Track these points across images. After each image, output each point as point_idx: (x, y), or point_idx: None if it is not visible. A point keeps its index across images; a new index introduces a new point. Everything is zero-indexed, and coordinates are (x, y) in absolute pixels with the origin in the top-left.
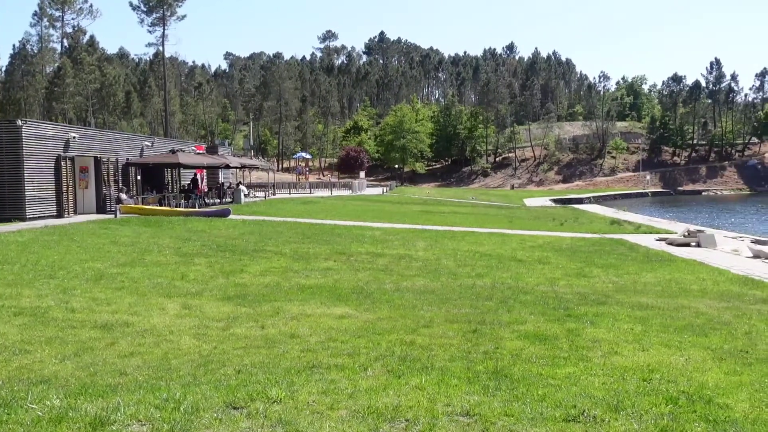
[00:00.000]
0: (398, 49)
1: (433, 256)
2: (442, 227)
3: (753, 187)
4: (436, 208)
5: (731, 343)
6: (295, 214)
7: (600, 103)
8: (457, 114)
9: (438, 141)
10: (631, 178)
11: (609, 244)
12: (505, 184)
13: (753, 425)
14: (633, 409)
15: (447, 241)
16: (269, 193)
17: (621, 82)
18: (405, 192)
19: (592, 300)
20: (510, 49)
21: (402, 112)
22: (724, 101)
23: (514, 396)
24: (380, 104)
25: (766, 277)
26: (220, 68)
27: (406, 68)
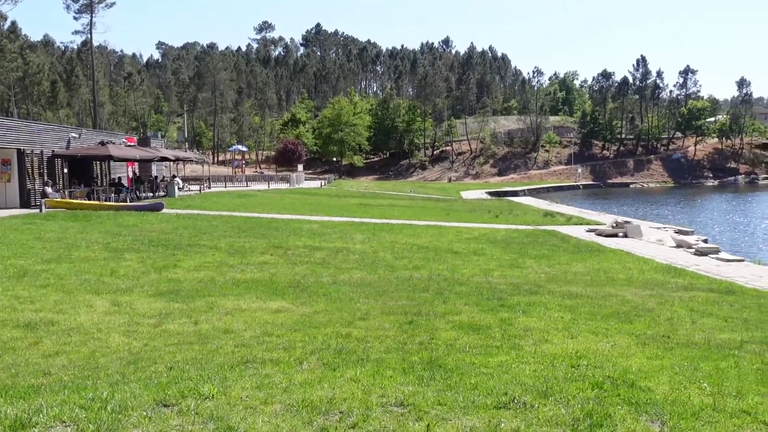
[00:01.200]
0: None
1: (370, 248)
2: (380, 220)
3: (677, 179)
4: (375, 201)
5: (654, 328)
6: (231, 207)
7: (534, 98)
8: (395, 107)
9: (376, 134)
10: (563, 171)
11: (542, 235)
12: (442, 177)
13: (672, 406)
14: (561, 394)
15: (385, 233)
16: (204, 186)
17: (554, 78)
18: (343, 185)
19: (524, 290)
20: (446, 44)
21: (340, 104)
22: (650, 97)
23: (447, 385)
24: (318, 97)
25: (688, 266)
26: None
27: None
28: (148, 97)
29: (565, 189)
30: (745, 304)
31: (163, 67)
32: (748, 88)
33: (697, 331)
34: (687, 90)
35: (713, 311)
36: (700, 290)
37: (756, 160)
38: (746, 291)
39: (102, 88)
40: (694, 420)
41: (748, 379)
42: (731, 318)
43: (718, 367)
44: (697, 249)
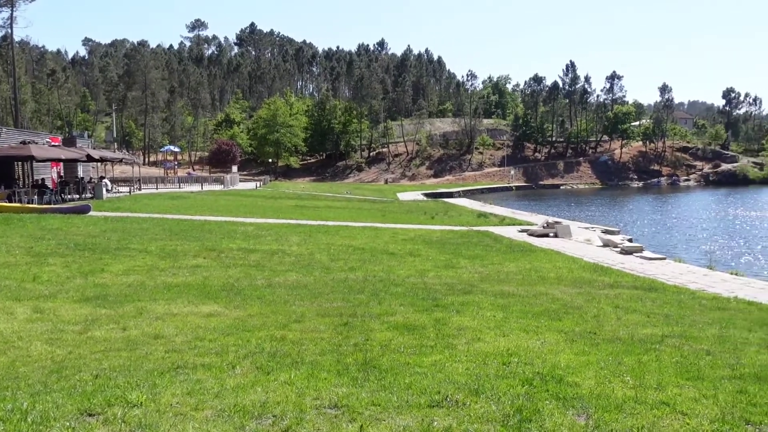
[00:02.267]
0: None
1: (306, 251)
2: (316, 222)
3: (604, 181)
4: (311, 203)
5: (582, 325)
6: (162, 209)
7: (468, 101)
8: (332, 108)
9: (312, 135)
10: (497, 173)
11: (476, 236)
12: (379, 179)
13: (597, 399)
14: (492, 391)
15: (321, 235)
16: (134, 188)
17: (487, 81)
18: (279, 187)
19: (458, 290)
20: (381, 46)
21: (276, 105)
22: (579, 101)
23: (381, 386)
24: (253, 97)
25: (614, 264)
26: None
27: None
28: (73, 95)
29: (499, 190)
30: (666, 301)
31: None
32: (669, 94)
33: (621, 326)
34: (613, 95)
35: (637, 308)
36: (625, 288)
37: (677, 163)
38: (667, 288)
39: (24, 86)
40: (618, 412)
41: (668, 371)
42: (653, 314)
43: (640, 361)
44: (623, 248)
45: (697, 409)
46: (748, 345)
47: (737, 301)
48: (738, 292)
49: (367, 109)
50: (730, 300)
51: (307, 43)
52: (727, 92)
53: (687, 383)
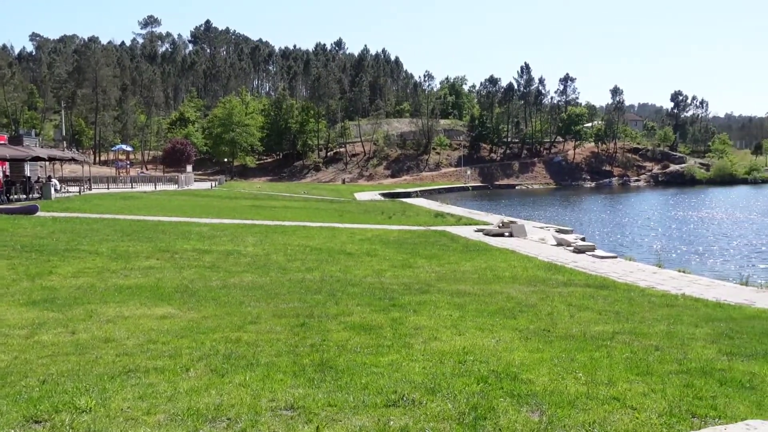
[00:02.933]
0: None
1: (262, 251)
2: (272, 222)
3: (558, 181)
4: (267, 203)
5: (536, 323)
6: (114, 210)
7: (425, 101)
8: (288, 108)
9: (269, 135)
10: (453, 173)
11: (433, 235)
12: (336, 179)
13: (550, 396)
14: (448, 390)
15: (277, 236)
16: (85, 188)
17: (444, 82)
18: (235, 186)
19: (415, 289)
20: (339, 45)
21: (231, 104)
22: (533, 103)
23: (338, 386)
24: (208, 96)
25: (567, 263)
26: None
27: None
28: (20, 92)
29: (456, 190)
30: (617, 298)
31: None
32: (620, 96)
33: (574, 324)
34: (567, 97)
35: (589, 305)
36: (577, 286)
37: (628, 164)
38: (618, 285)
39: None
40: (570, 408)
41: (618, 367)
42: (605, 311)
43: (592, 358)
44: (576, 247)
45: (646, 403)
46: (695, 340)
47: (685, 297)
48: (685, 289)
49: (324, 108)
50: (678, 297)
51: (264, 42)
52: (675, 95)
53: (637, 378)
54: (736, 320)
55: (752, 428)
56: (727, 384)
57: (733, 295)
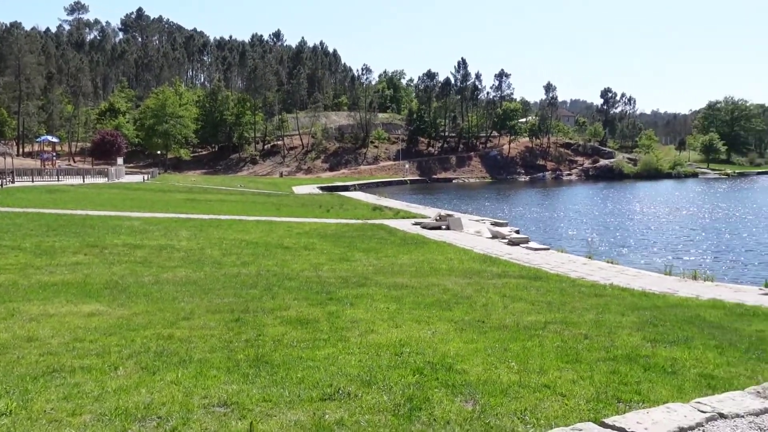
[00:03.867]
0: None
1: (197, 245)
2: (207, 216)
3: (494, 175)
4: (202, 196)
5: (471, 314)
6: (39, 204)
7: (363, 95)
8: (224, 99)
9: (204, 127)
10: (392, 167)
11: (371, 229)
12: (274, 172)
13: (484, 385)
14: (384, 382)
15: (213, 229)
16: (7, 180)
17: (383, 76)
18: (169, 180)
19: (353, 282)
20: (277, 37)
21: (164, 95)
22: (470, 98)
23: (273, 381)
24: (140, 86)
25: (502, 255)
26: None
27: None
28: None
29: (394, 184)
30: (549, 288)
31: None
32: (553, 93)
33: (508, 314)
34: (502, 92)
35: (522, 296)
36: (511, 277)
37: (560, 158)
38: (550, 276)
39: None
40: (503, 397)
41: (549, 356)
42: (537, 301)
43: (524, 347)
44: (510, 239)
45: (575, 390)
46: (621, 328)
47: (612, 287)
48: (613, 279)
49: (261, 100)
50: (606, 287)
51: (198, 32)
52: (604, 92)
53: (567, 366)
54: (660, 308)
55: (672, 411)
56: (650, 369)
57: (657, 285)
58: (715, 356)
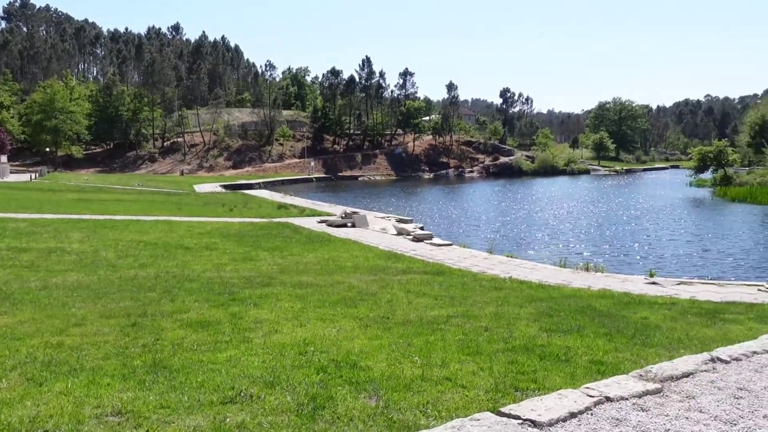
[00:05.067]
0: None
1: (90, 248)
2: (102, 216)
3: (399, 172)
4: (96, 196)
5: (376, 311)
6: None
7: (267, 91)
8: (119, 94)
9: (98, 123)
10: (297, 165)
11: (276, 227)
12: (174, 170)
13: (388, 381)
14: (288, 382)
15: (107, 231)
16: None
17: (287, 72)
18: (59, 178)
19: (257, 282)
20: (176, 30)
21: (53, 89)
22: (374, 96)
23: (172, 387)
24: (25, 79)
25: (406, 251)
26: None
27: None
28: None
29: (300, 182)
30: (452, 283)
31: None
32: (455, 92)
33: (412, 310)
34: (406, 91)
35: (426, 291)
36: (416, 273)
37: (463, 156)
38: (453, 271)
39: None
40: (406, 391)
41: (451, 349)
42: (440, 296)
43: (427, 341)
44: (415, 236)
45: (475, 381)
46: (519, 320)
47: (512, 281)
48: (512, 273)
49: (159, 96)
50: (506, 280)
51: (90, 23)
52: (503, 92)
53: (467, 358)
54: (555, 299)
55: (563, 397)
56: (546, 358)
57: (553, 277)
58: (604, 343)
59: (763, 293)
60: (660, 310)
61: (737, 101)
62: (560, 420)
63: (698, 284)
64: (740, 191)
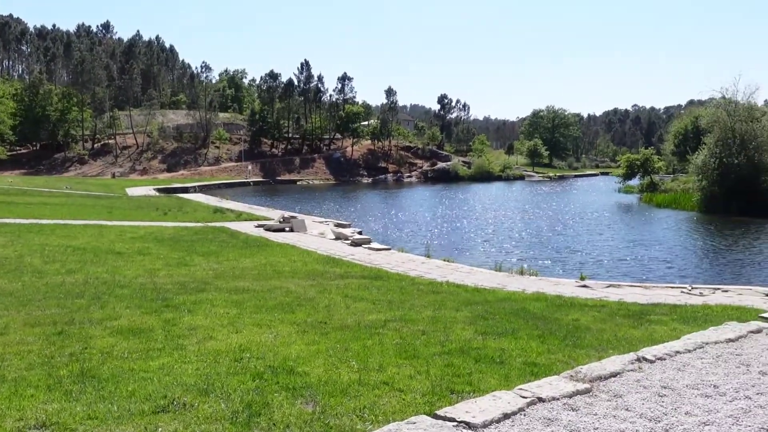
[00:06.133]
0: None
1: (14, 253)
2: (27, 220)
3: (338, 177)
4: (21, 199)
5: (313, 316)
6: None
7: (203, 93)
8: (47, 94)
9: (23, 123)
10: (234, 168)
11: (212, 232)
12: (105, 173)
13: (325, 386)
14: (222, 390)
15: (33, 235)
16: None
17: (224, 74)
18: None
19: (191, 288)
20: (106, 29)
21: None
22: (313, 100)
23: (100, 397)
24: None
25: (345, 256)
26: None
27: None
28: None
29: (237, 185)
30: (390, 287)
31: None
32: (394, 97)
33: (350, 315)
34: (345, 95)
35: (364, 296)
36: (354, 278)
37: (401, 161)
38: (391, 276)
39: None
40: (343, 396)
41: (388, 353)
42: (378, 300)
43: (365, 346)
44: (353, 240)
45: (412, 384)
46: (456, 323)
47: (449, 284)
48: (449, 277)
49: (89, 96)
50: (443, 284)
51: (15, 18)
52: (441, 98)
53: (405, 362)
54: (490, 302)
55: (497, 398)
56: (481, 361)
57: (489, 280)
58: (537, 345)
59: (686, 295)
60: (590, 312)
61: (662, 111)
62: (494, 421)
63: (626, 287)
64: (665, 197)
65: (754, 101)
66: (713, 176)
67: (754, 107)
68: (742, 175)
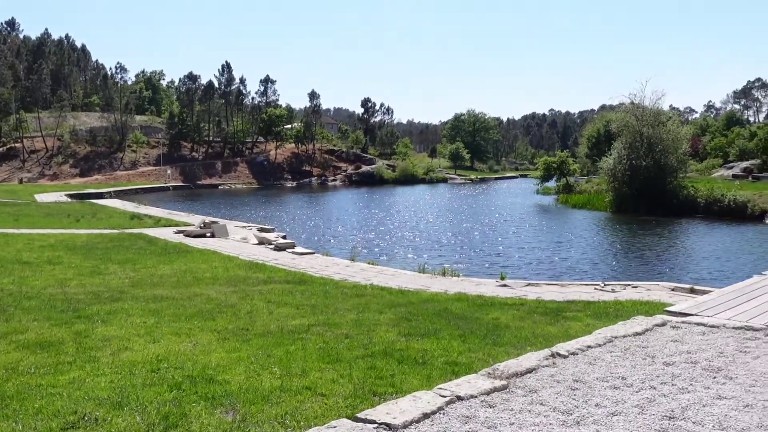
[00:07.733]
0: None
1: None
2: None
3: (261, 181)
4: None
5: (235, 323)
6: None
7: (118, 95)
8: None
9: None
10: (152, 172)
11: (128, 239)
12: (12, 178)
13: (246, 394)
14: (138, 402)
15: None
16: None
17: (141, 76)
18: None
19: (106, 298)
20: (11, 26)
21: None
22: (235, 102)
23: (3, 415)
24: None
25: (268, 261)
26: None
27: None
28: None
29: (155, 190)
30: (314, 292)
31: None
32: (317, 100)
33: (273, 320)
34: (267, 98)
35: (288, 300)
36: (277, 282)
37: (325, 164)
38: (315, 280)
39: None
40: (264, 403)
41: (312, 358)
42: (302, 305)
43: (288, 351)
44: (277, 245)
45: (335, 388)
46: (379, 325)
47: (373, 287)
48: (373, 280)
49: None
50: (367, 287)
51: None
52: (365, 102)
53: (328, 366)
54: (414, 304)
55: (418, 399)
56: (404, 362)
57: (412, 282)
58: (459, 344)
59: (599, 292)
60: (510, 310)
61: (577, 116)
62: (414, 421)
63: (544, 285)
64: (580, 198)
65: (660, 106)
66: (623, 178)
67: (661, 112)
68: (650, 176)
